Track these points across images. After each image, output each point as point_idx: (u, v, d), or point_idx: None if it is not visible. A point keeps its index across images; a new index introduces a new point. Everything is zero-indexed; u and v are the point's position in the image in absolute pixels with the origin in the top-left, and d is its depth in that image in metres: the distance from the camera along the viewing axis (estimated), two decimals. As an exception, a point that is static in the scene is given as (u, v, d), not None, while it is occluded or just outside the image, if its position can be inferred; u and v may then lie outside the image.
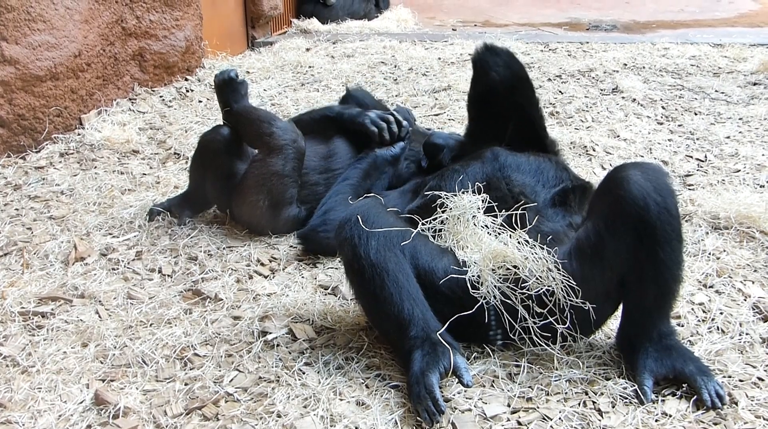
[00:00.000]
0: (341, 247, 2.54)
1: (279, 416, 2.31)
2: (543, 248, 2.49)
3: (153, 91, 5.94)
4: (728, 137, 4.80)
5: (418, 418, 2.26)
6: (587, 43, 7.69)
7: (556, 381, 2.45)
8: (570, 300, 2.41)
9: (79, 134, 5.02)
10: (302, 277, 3.25)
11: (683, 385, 2.38)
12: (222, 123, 3.75)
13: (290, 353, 2.66)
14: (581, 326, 2.50)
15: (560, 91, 5.94)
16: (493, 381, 2.47)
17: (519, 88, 3.05)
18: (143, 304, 3.02)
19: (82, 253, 3.41)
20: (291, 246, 3.52)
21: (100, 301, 3.04)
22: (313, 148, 3.70)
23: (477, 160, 2.95)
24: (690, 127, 5.02)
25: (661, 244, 2.32)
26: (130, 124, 5.20)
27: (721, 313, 2.83)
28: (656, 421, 2.26)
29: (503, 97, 3.06)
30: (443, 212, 2.72)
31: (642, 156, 4.51)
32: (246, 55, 7.60)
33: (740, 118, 5.16)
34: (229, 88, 3.68)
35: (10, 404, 2.41)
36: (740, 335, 2.69)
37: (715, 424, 2.25)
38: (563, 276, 2.42)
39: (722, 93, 5.78)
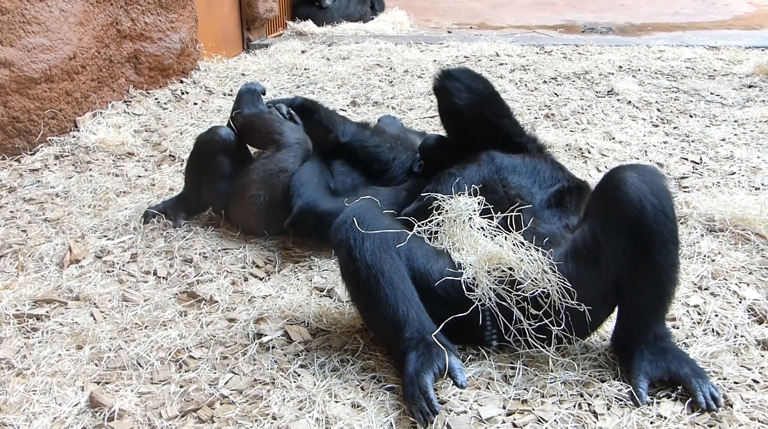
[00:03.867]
0: (337, 249, 2.54)
1: (274, 418, 2.31)
2: (538, 250, 2.49)
3: (148, 93, 5.93)
4: (723, 140, 4.81)
5: (412, 419, 2.26)
6: (583, 45, 7.70)
7: (551, 383, 2.45)
8: (565, 302, 2.41)
9: (74, 136, 5.01)
10: (298, 279, 3.24)
11: (678, 387, 2.38)
12: (227, 123, 3.78)
13: (285, 355, 2.65)
14: (577, 328, 2.50)
15: (556, 94, 5.94)
16: (489, 383, 2.47)
17: (485, 105, 3.05)
18: (138, 307, 3.01)
19: (77, 255, 3.40)
20: (286, 248, 3.52)
21: (95, 304, 3.04)
22: None
23: (473, 162, 2.95)
24: (685, 129, 5.03)
25: (657, 246, 2.32)
26: (125, 127, 5.19)
27: (716, 316, 2.83)
28: (651, 423, 2.26)
29: (471, 117, 3.06)
30: (439, 215, 2.72)
31: (637, 158, 4.51)
32: (241, 58, 7.59)
33: (735, 121, 5.18)
34: (251, 97, 3.81)
35: (4, 407, 2.40)
36: (735, 337, 2.70)
37: (710, 426, 2.25)
38: (559, 278, 2.43)
39: (717, 95, 5.80)
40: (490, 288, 2.48)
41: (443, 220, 2.72)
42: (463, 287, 2.48)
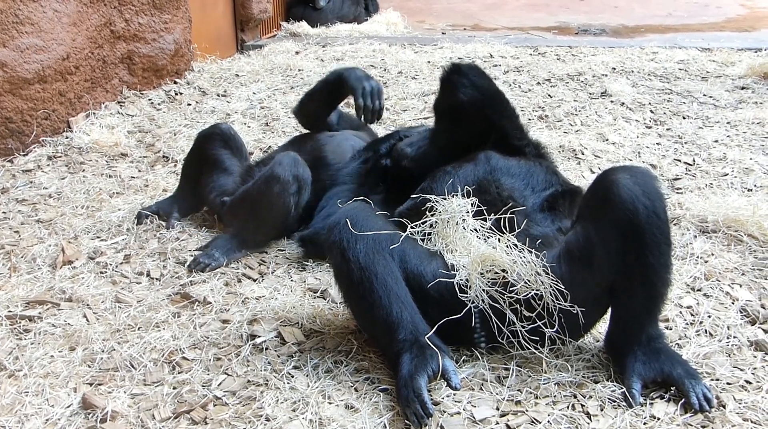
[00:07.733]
0: (330, 250, 2.53)
1: (268, 420, 2.31)
2: (531, 252, 2.49)
3: (142, 94, 5.92)
4: (716, 141, 4.82)
5: (406, 421, 2.26)
6: (576, 47, 7.71)
7: (544, 384, 2.45)
8: (559, 304, 2.42)
9: (67, 137, 5.00)
10: (291, 280, 3.24)
11: (671, 388, 2.39)
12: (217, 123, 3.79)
13: (279, 357, 2.65)
14: (570, 330, 2.50)
15: (549, 95, 5.95)
16: (482, 384, 2.47)
17: (488, 104, 3.04)
18: (131, 308, 3.01)
19: (69, 256, 3.39)
20: (280, 249, 3.52)
21: (87, 305, 3.03)
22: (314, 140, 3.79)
23: (469, 162, 2.94)
24: (678, 130, 5.04)
25: (649, 247, 2.33)
26: (119, 127, 5.19)
27: (709, 317, 2.84)
28: (644, 424, 2.26)
29: (471, 113, 3.05)
30: (432, 216, 2.72)
31: (630, 160, 4.52)
32: (235, 58, 7.58)
33: (728, 122, 5.19)
34: None
35: (-4, 409, 2.40)
36: (728, 338, 2.70)
37: (703, 427, 2.26)
38: (552, 280, 2.43)
39: (710, 97, 5.81)
40: (483, 290, 2.48)
41: (436, 222, 2.71)
42: (456, 289, 2.48)
